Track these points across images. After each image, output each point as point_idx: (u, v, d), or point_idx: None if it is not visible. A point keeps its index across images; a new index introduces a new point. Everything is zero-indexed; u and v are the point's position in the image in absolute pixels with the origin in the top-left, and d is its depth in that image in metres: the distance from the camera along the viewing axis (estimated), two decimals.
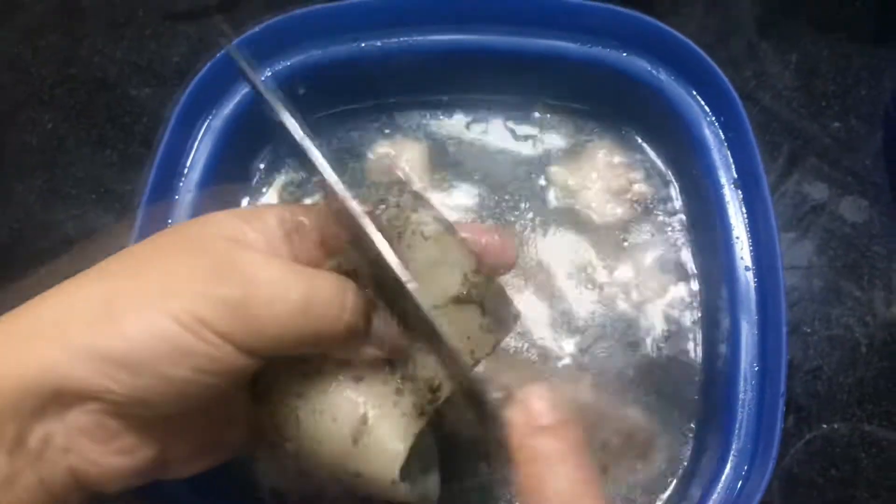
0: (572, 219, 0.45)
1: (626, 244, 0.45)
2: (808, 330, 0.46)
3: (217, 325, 0.24)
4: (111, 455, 0.25)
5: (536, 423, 0.22)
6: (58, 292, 0.25)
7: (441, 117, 0.48)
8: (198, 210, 0.41)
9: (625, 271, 0.44)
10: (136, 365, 0.24)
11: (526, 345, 0.42)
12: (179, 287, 0.25)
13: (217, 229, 0.27)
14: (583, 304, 0.43)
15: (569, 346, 0.42)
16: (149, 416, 0.25)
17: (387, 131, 0.48)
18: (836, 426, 0.44)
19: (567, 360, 0.41)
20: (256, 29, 0.42)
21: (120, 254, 0.27)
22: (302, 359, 0.28)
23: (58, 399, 0.24)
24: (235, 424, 0.30)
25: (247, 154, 0.46)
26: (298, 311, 0.25)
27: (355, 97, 0.47)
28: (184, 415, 0.26)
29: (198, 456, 0.29)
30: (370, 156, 0.47)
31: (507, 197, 0.46)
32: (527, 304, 0.43)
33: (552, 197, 0.46)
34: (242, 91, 0.43)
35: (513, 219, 0.45)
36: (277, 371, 0.28)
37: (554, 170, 0.47)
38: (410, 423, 0.28)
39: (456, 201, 0.46)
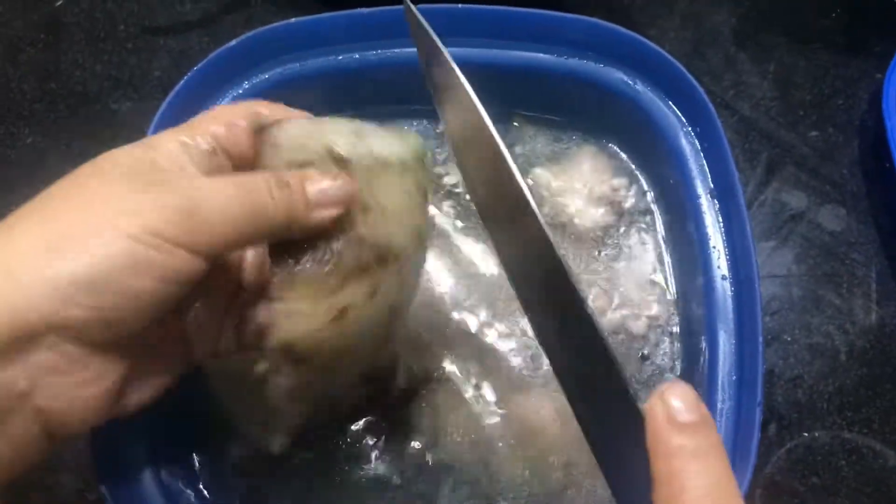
0: (555, 223, 0.46)
1: (606, 251, 0.45)
2: (789, 338, 0.47)
3: (171, 233, 0.25)
4: (77, 387, 0.25)
5: (676, 419, 0.22)
6: None
7: (426, 124, 0.48)
8: None
9: (604, 279, 0.44)
10: (99, 284, 0.24)
11: (508, 355, 0.42)
12: (128, 206, 0.25)
13: (151, 153, 0.28)
14: None
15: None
16: (109, 338, 0.26)
17: None
18: (816, 434, 0.44)
19: (546, 369, 0.41)
20: (234, 42, 0.42)
21: (57, 186, 0.27)
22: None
23: (17, 341, 0.23)
24: (177, 339, 0.31)
25: None
26: (240, 206, 0.27)
27: (333, 107, 0.47)
28: (139, 331, 0.27)
29: (151, 377, 0.29)
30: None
31: None
32: (506, 311, 0.43)
33: (537, 199, 0.46)
34: (218, 105, 0.43)
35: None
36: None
37: (538, 172, 0.47)
38: None
39: (451, 200, 0.47)
